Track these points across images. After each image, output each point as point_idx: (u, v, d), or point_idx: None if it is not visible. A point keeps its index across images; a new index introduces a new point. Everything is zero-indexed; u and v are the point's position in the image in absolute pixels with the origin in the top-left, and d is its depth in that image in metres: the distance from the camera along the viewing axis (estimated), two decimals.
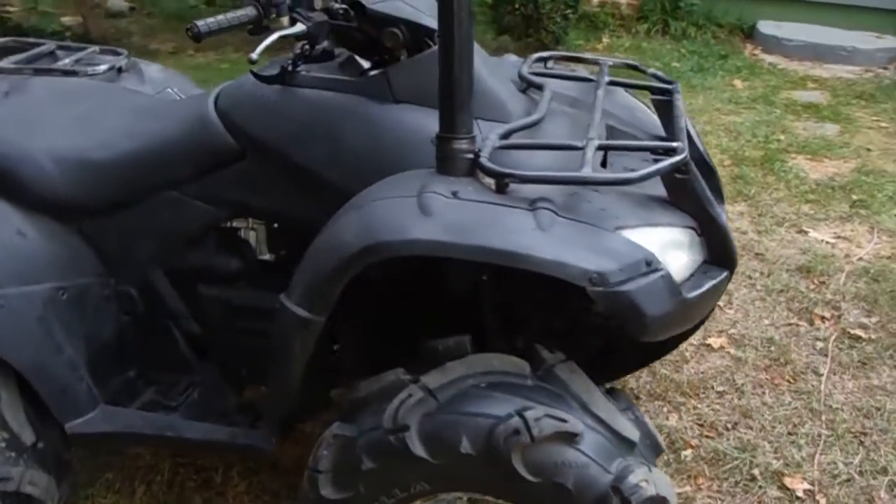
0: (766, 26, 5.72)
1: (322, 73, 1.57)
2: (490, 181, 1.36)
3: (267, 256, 1.84)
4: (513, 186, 1.35)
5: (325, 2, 1.45)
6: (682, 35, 5.78)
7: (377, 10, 1.48)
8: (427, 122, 1.45)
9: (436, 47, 1.49)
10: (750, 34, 5.81)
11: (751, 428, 2.33)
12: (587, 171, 1.31)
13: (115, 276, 1.81)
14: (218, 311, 1.81)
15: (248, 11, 1.41)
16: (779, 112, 4.53)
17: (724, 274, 1.51)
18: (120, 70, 2.20)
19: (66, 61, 2.18)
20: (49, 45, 2.30)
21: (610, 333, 1.81)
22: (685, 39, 5.76)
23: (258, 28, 1.43)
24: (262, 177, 1.64)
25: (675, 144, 1.41)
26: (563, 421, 1.30)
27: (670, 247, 1.41)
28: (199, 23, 1.37)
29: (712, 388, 2.49)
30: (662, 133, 1.70)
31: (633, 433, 1.39)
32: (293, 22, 1.44)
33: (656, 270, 1.32)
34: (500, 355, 1.43)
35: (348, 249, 1.32)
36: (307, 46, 1.51)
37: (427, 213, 1.29)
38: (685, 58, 5.49)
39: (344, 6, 1.47)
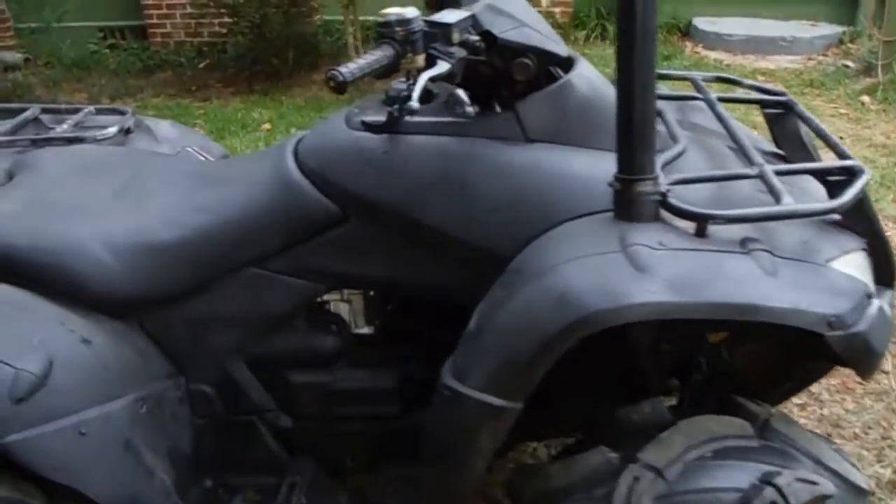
0: (703, 23, 5.75)
1: (433, 115, 1.35)
2: (684, 224, 1.18)
3: (364, 330, 1.59)
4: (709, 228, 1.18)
5: (461, 35, 1.23)
6: None
7: (509, 39, 1.28)
8: (568, 161, 1.30)
9: (567, 77, 1.34)
10: (687, 32, 5.84)
11: (844, 437, 2.23)
12: (789, 203, 1.16)
13: (185, 374, 1.52)
14: (312, 398, 1.55)
15: (386, 52, 1.18)
16: (742, 108, 4.51)
17: (890, 292, 1.40)
18: (128, 131, 1.91)
19: (63, 127, 1.87)
20: (32, 109, 1.98)
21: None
22: None
23: (391, 69, 1.20)
24: (369, 241, 1.41)
25: (851, 163, 1.28)
26: (814, 483, 1.13)
27: (864, 272, 1.28)
28: (343, 70, 1.14)
29: (790, 399, 2.37)
30: (771, 148, 1.57)
31: (863, 480, 1.24)
32: (429, 60, 1.22)
33: (873, 302, 1.19)
34: (714, 417, 1.25)
35: (551, 326, 1.11)
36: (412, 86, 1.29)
37: (642, 270, 1.10)
38: None
39: (478, 38, 1.26)
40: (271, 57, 5.52)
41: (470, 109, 1.26)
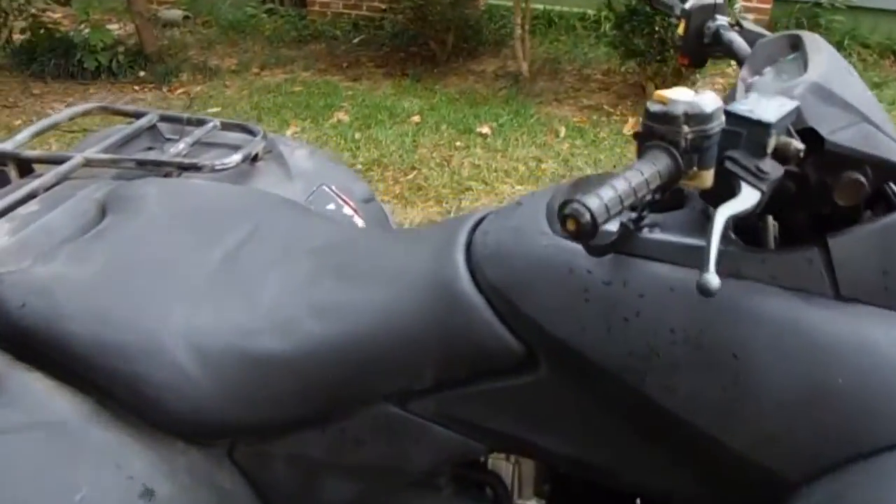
0: None
1: (688, 234, 0.88)
2: None
3: (531, 502, 1.15)
4: None
5: (778, 137, 0.75)
6: None
7: (841, 144, 0.79)
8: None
9: None
10: None
11: None
12: None
13: None
14: None
15: (658, 164, 0.72)
16: None
17: None
18: (255, 158, 1.52)
19: (179, 147, 1.50)
20: (151, 115, 1.62)
21: None
22: None
23: (663, 189, 0.74)
24: (562, 402, 0.96)
25: None
26: None
27: None
28: (590, 202, 0.70)
29: None
30: None
31: None
32: (724, 179, 0.75)
33: None
34: None
35: None
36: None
37: None
38: None
39: (797, 142, 0.77)
40: (429, 40, 5.12)
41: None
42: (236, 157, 1.46)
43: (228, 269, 1.11)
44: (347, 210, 1.54)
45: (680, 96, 0.73)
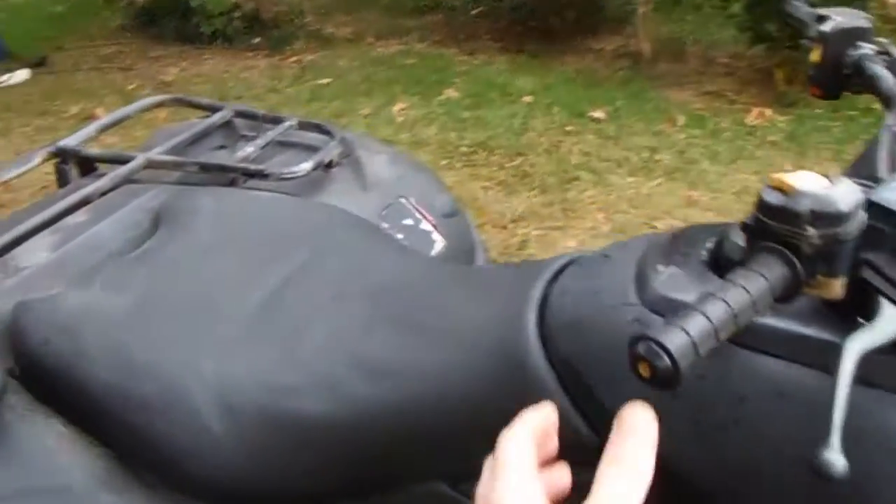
0: None
1: (795, 323, 0.69)
2: None
3: None
4: None
5: None
6: None
7: None
8: None
9: None
10: None
11: None
12: None
13: None
14: None
15: (771, 272, 0.54)
16: None
17: None
18: (330, 165, 1.38)
19: (248, 150, 1.37)
20: (226, 111, 1.50)
21: None
22: None
23: (781, 299, 0.55)
24: None
25: None
26: None
27: None
28: (669, 339, 0.52)
29: None
30: None
31: None
32: (861, 290, 0.55)
33: None
34: None
35: None
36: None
37: None
38: None
39: None
40: (549, 14, 4.87)
41: None
42: (306, 165, 1.32)
43: (271, 311, 0.98)
44: (426, 225, 1.39)
45: (806, 184, 0.54)
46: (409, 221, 1.37)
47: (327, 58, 5.05)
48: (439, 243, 1.37)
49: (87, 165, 1.38)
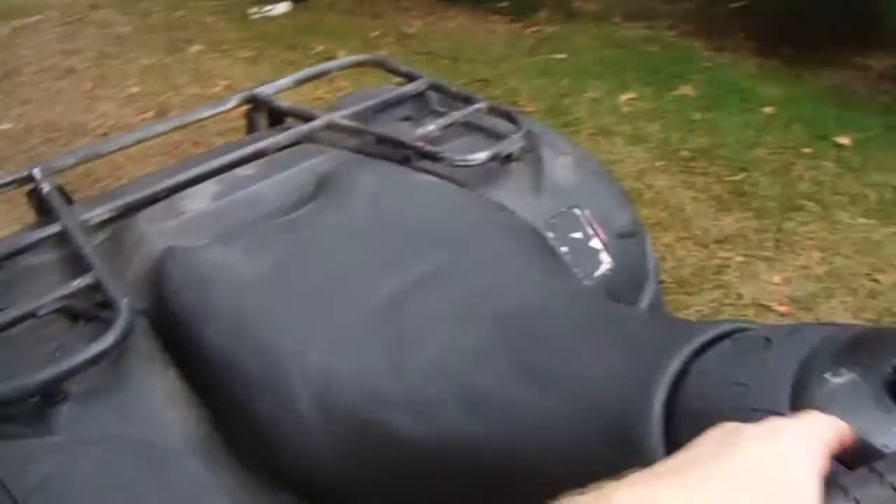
0: None
1: None
2: None
3: None
4: None
5: None
6: None
7: None
8: None
9: None
10: None
11: None
12: None
13: None
14: None
15: None
16: None
17: None
18: (509, 158, 1.31)
19: (429, 128, 1.33)
20: (421, 81, 1.47)
21: None
22: None
23: None
24: None
25: None
26: None
27: None
28: None
29: None
30: None
31: None
32: None
33: None
34: None
35: None
36: None
37: None
38: None
39: None
40: (817, 18, 4.43)
41: None
42: (483, 155, 1.26)
43: (391, 312, 0.93)
44: (596, 242, 1.29)
45: None
46: (577, 235, 1.27)
47: (567, 32, 4.93)
48: (605, 265, 1.27)
49: (276, 116, 1.40)
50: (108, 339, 0.89)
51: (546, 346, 0.90)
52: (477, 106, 1.40)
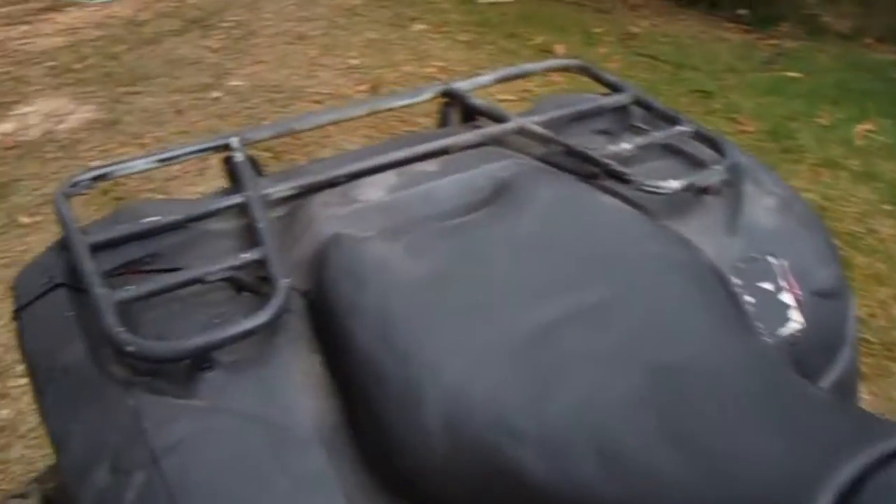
0: None
1: None
2: None
3: None
4: None
5: None
6: None
7: None
8: None
9: None
10: None
11: None
12: None
13: None
14: None
15: None
16: None
17: None
18: (705, 191, 1.21)
19: (623, 146, 1.25)
20: (627, 94, 1.38)
21: None
22: None
23: None
24: None
25: None
26: None
27: None
28: None
29: None
30: None
31: None
32: None
33: None
34: None
35: None
36: None
37: None
38: None
39: None
40: None
41: None
42: (677, 184, 1.16)
43: (541, 341, 0.87)
44: (787, 297, 1.15)
45: None
46: (767, 286, 1.14)
47: (808, 49, 4.57)
48: (795, 324, 1.13)
49: (469, 113, 1.37)
50: (262, 317, 0.90)
51: (704, 412, 0.80)
52: (682, 128, 1.29)
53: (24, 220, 3.18)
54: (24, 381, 2.35)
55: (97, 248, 1.03)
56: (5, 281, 2.84)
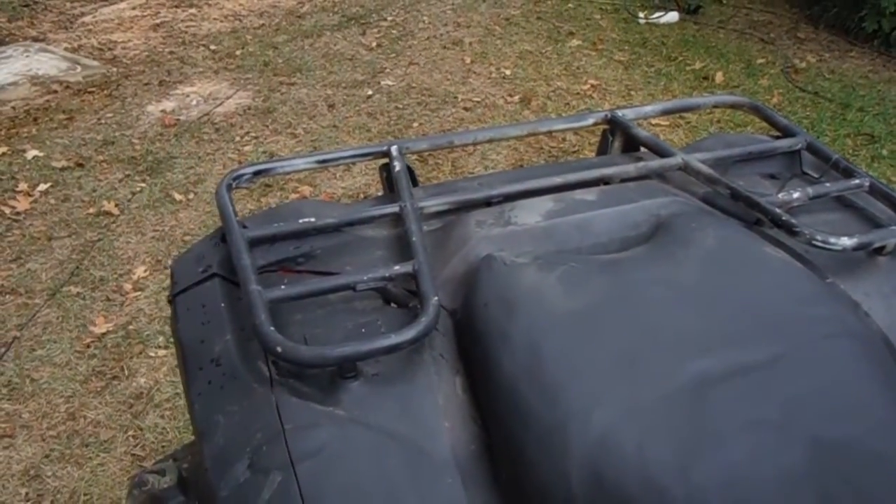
0: None
1: None
2: None
3: None
4: None
5: None
6: None
7: None
8: None
9: None
10: None
11: None
12: None
13: None
14: None
15: None
16: None
17: None
18: (880, 251, 1.13)
19: (794, 195, 1.18)
20: (799, 138, 1.31)
21: None
22: None
23: None
24: None
25: None
26: None
27: None
28: None
29: None
30: None
31: None
32: None
33: None
34: None
35: None
36: None
37: None
38: None
39: None
40: None
41: None
42: (850, 241, 1.08)
43: (696, 396, 0.82)
44: None
45: None
46: None
47: None
48: None
49: (631, 143, 1.34)
50: (410, 332, 0.89)
51: (870, 495, 0.74)
52: (858, 181, 1.21)
53: (178, 196, 3.35)
54: (163, 352, 2.47)
55: (254, 244, 1.06)
56: (153, 253, 3.02)
